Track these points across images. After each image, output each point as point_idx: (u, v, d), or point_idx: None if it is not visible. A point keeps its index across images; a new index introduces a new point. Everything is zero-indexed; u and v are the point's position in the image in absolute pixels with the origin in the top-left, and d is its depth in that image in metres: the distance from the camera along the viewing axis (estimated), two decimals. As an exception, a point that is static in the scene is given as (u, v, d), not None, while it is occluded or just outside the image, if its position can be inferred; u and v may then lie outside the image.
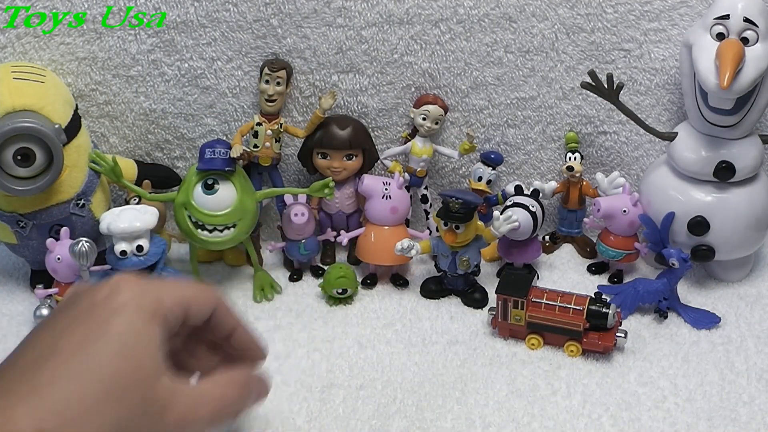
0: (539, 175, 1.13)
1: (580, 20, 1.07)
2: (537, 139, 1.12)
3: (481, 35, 1.07)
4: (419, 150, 1.08)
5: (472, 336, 0.96)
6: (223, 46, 1.06)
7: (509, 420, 0.83)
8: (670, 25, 1.07)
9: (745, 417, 0.83)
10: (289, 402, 0.85)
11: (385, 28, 1.06)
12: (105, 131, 1.09)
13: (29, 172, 0.94)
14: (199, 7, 1.04)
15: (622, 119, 1.09)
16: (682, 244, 1.01)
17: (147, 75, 1.07)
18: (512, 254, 1.06)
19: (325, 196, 1.03)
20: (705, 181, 1.00)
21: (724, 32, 0.94)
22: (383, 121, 1.10)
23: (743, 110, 0.96)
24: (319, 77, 1.08)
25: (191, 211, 0.98)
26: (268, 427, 0.82)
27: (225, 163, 0.98)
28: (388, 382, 0.88)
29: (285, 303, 1.02)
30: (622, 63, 1.08)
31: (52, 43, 1.04)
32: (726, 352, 0.92)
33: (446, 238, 0.97)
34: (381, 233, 1.05)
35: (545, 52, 1.08)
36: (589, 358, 0.92)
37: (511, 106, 1.10)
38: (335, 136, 1.05)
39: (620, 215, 1.03)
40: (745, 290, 1.04)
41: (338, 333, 0.96)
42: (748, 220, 1.00)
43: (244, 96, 1.08)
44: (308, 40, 1.06)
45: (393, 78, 1.08)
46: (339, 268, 1.02)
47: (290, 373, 0.89)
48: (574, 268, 1.09)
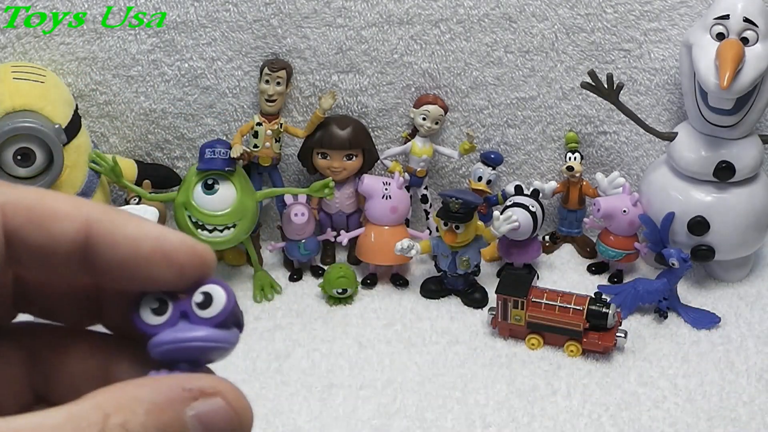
0: (539, 175, 1.13)
1: (580, 20, 1.07)
2: (537, 139, 1.12)
3: (481, 35, 1.07)
4: (419, 150, 1.08)
5: (472, 336, 0.96)
6: (223, 46, 1.06)
7: (509, 420, 0.83)
8: (670, 25, 1.07)
9: (745, 417, 0.83)
10: (289, 402, 0.85)
11: (385, 28, 1.06)
12: (105, 131, 1.09)
13: (29, 172, 0.94)
14: (199, 7, 1.04)
15: (622, 119, 1.08)
16: (682, 244, 1.01)
17: (147, 75, 1.07)
18: (512, 254, 1.06)
19: (325, 196, 1.03)
20: (705, 181, 1.00)
21: (724, 32, 0.94)
22: (383, 121, 1.10)
23: (743, 110, 0.96)
24: (319, 77, 1.08)
25: (191, 211, 0.98)
26: (269, 427, 0.82)
27: (225, 163, 0.98)
28: (389, 382, 0.88)
29: (285, 303, 1.02)
30: (622, 63, 1.08)
31: (52, 43, 1.04)
32: (726, 352, 0.92)
33: (446, 238, 0.97)
34: (381, 233, 1.05)
35: (545, 52, 1.08)
36: (589, 358, 0.92)
37: (511, 106, 1.10)
38: (335, 136, 1.05)
39: (620, 215, 1.03)
40: (745, 290, 1.04)
41: (338, 333, 0.96)
42: (748, 220, 1.00)
43: (244, 96, 1.08)
44: (308, 40, 1.06)
45: (393, 78, 1.08)
46: (339, 268, 1.02)
47: (290, 373, 0.89)
48: (574, 268, 1.09)
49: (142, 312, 0.28)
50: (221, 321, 0.27)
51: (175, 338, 0.26)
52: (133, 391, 0.25)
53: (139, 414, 0.24)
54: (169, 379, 0.25)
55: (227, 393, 0.25)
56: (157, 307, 0.27)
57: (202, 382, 0.25)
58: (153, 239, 0.28)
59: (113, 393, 0.25)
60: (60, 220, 0.27)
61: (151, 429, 0.24)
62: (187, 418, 0.25)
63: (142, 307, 0.28)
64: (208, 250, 0.29)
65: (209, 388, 0.25)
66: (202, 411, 0.25)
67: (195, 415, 0.25)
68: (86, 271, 0.28)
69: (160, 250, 0.28)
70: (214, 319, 0.27)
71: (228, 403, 0.25)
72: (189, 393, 0.25)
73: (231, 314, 0.27)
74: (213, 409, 0.25)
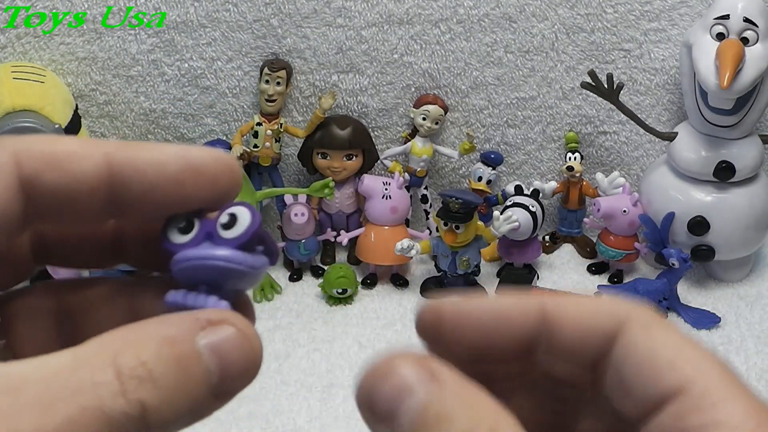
0: (539, 175, 1.13)
1: (580, 20, 1.07)
2: (537, 139, 1.12)
3: (481, 35, 1.07)
4: (419, 150, 1.08)
5: (472, 336, 0.96)
6: (223, 46, 1.06)
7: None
8: (670, 25, 1.07)
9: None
10: (289, 402, 0.85)
11: (385, 28, 1.06)
12: (105, 131, 1.09)
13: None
14: (199, 7, 1.04)
15: (622, 119, 1.08)
16: (682, 244, 1.01)
17: (147, 75, 1.07)
18: (512, 254, 1.06)
19: (325, 196, 1.03)
20: (705, 181, 1.00)
21: (724, 32, 0.94)
22: (383, 121, 1.10)
23: (743, 110, 0.96)
24: (319, 77, 1.08)
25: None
26: (268, 427, 0.82)
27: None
28: (388, 382, 0.88)
29: (285, 303, 1.02)
30: (622, 63, 1.08)
31: (52, 43, 1.04)
32: (726, 352, 0.92)
33: (446, 238, 0.97)
34: (381, 233, 1.05)
35: (545, 52, 1.08)
36: (589, 358, 0.92)
37: (511, 106, 1.10)
38: (335, 136, 1.05)
39: (620, 215, 1.03)
40: (745, 290, 1.04)
41: (338, 333, 0.96)
42: (748, 220, 1.00)
43: (244, 96, 1.08)
44: (308, 40, 1.06)
45: (393, 78, 1.08)
46: (339, 268, 1.02)
47: (290, 373, 0.89)
48: (574, 268, 1.09)
49: (169, 232, 0.27)
50: (244, 242, 0.26)
51: (195, 255, 0.26)
52: (142, 327, 0.24)
53: (151, 348, 0.23)
54: (178, 314, 0.25)
55: (236, 321, 0.24)
56: (184, 226, 0.27)
57: (208, 313, 0.25)
58: (179, 157, 0.26)
59: (120, 332, 0.24)
60: (78, 159, 0.26)
61: (166, 361, 0.23)
62: (200, 347, 0.24)
63: (169, 227, 0.27)
64: (234, 160, 0.28)
65: (216, 317, 0.24)
66: (213, 340, 0.24)
67: (207, 344, 0.24)
68: (111, 209, 0.27)
69: (188, 166, 0.26)
70: (237, 239, 0.26)
71: (239, 330, 0.24)
72: (198, 323, 0.24)
73: (256, 236, 0.26)
74: (224, 337, 0.24)
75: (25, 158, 0.25)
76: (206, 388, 0.24)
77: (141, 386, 0.22)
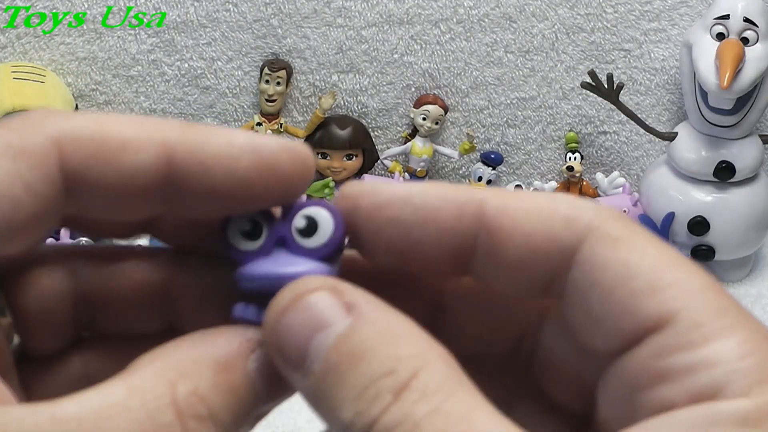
0: (539, 175, 1.13)
1: (580, 20, 1.07)
2: (537, 139, 1.12)
3: (481, 35, 1.07)
4: (419, 150, 1.08)
5: (472, 336, 0.96)
6: (223, 46, 1.06)
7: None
8: (670, 25, 1.07)
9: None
10: (289, 402, 0.85)
11: (385, 28, 1.06)
12: (105, 131, 1.09)
13: (29, 172, 0.94)
14: (199, 7, 1.04)
15: (622, 119, 1.08)
16: (682, 244, 1.01)
17: (147, 75, 1.07)
18: (512, 254, 1.06)
19: (325, 197, 1.03)
20: (705, 181, 1.00)
21: (724, 32, 0.94)
22: (383, 121, 1.10)
23: (743, 110, 0.96)
24: (319, 77, 1.08)
25: (191, 211, 0.98)
26: (268, 427, 0.82)
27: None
28: (388, 382, 0.88)
29: (285, 303, 1.02)
30: (622, 63, 1.08)
31: (52, 43, 1.04)
32: (726, 352, 0.92)
33: (446, 238, 0.97)
34: (381, 233, 1.05)
35: (545, 52, 1.08)
36: (589, 358, 0.92)
37: (511, 106, 1.10)
38: (335, 136, 1.05)
39: (620, 215, 1.03)
40: (745, 290, 1.04)
41: (338, 333, 0.96)
42: (748, 220, 1.00)
43: (244, 96, 1.08)
44: (308, 40, 1.06)
45: (393, 78, 1.08)
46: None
47: (290, 373, 0.89)
48: (574, 268, 1.09)
49: (231, 235, 0.23)
50: (328, 253, 0.22)
51: (274, 273, 0.22)
52: (191, 351, 0.21)
53: (207, 377, 0.20)
54: (228, 331, 0.22)
55: None
56: (249, 230, 0.23)
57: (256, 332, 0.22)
58: (249, 153, 0.22)
59: (172, 356, 0.21)
60: (132, 150, 0.21)
61: (224, 393, 0.21)
62: (251, 372, 0.21)
63: (231, 229, 0.23)
64: (308, 151, 0.24)
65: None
66: (263, 363, 0.21)
67: (257, 369, 0.21)
68: (162, 205, 0.22)
69: (261, 161, 0.22)
70: (319, 250, 0.22)
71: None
72: (249, 344, 0.21)
73: (341, 245, 0.22)
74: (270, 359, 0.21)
75: (69, 148, 0.21)
76: (253, 413, 0.22)
77: (202, 426, 0.20)
